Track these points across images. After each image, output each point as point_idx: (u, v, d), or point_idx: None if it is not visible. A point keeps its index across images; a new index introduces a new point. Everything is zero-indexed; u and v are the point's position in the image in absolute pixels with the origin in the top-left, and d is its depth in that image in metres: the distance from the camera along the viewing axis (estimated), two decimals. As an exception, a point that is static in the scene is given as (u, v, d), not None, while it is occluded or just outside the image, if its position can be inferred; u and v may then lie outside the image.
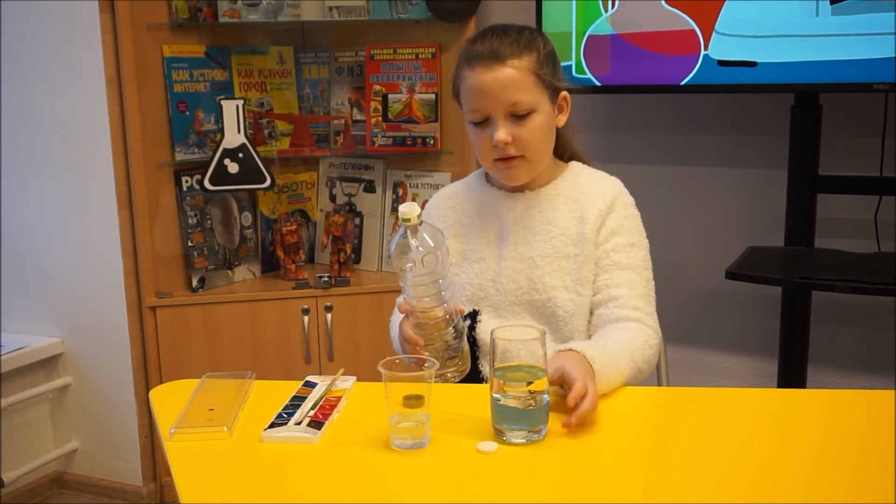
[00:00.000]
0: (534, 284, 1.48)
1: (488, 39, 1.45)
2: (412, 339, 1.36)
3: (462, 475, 1.08)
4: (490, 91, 1.43)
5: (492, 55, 1.43)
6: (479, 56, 1.44)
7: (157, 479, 2.72)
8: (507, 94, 1.42)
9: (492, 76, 1.42)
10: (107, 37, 2.47)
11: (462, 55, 1.48)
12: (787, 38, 2.07)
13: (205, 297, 2.57)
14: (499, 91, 1.42)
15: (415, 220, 1.32)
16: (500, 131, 1.43)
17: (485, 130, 1.46)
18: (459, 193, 1.62)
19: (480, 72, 1.43)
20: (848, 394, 1.34)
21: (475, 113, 1.46)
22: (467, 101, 1.47)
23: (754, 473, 1.06)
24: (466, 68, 1.45)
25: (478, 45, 1.45)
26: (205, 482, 1.08)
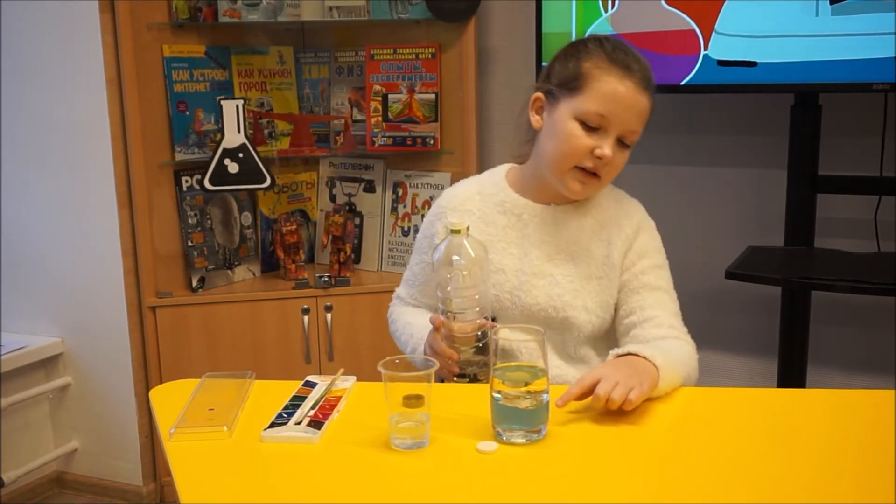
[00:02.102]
0: (553, 302, 1.47)
1: (636, 62, 1.42)
2: (446, 352, 1.36)
3: (462, 475, 1.08)
4: (628, 109, 1.40)
5: (642, 79, 1.41)
6: (631, 71, 1.40)
7: (157, 478, 2.72)
8: (635, 120, 1.41)
9: (635, 97, 1.40)
10: (107, 37, 2.47)
11: (598, 51, 1.42)
12: (787, 38, 2.07)
13: (205, 297, 2.57)
14: (633, 114, 1.41)
15: (464, 231, 1.33)
16: (608, 147, 1.40)
17: (589, 135, 1.41)
18: (477, 195, 1.56)
19: (629, 86, 1.40)
20: (848, 394, 1.34)
21: (599, 117, 1.40)
22: (597, 102, 1.40)
23: (754, 473, 1.06)
24: (608, 71, 1.40)
25: (627, 58, 1.41)
26: (205, 482, 1.08)
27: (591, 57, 1.42)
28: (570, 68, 1.44)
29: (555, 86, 1.46)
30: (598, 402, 1.23)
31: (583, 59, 1.43)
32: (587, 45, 1.45)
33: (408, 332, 1.56)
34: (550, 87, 1.46)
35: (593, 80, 1.41)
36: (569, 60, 1.45)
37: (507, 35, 2.72)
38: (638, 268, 1.49)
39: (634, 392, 1.23)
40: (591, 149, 1.41)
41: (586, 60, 1.42)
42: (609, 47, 1.43)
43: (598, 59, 1.42)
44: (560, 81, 1.45)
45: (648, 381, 1.27)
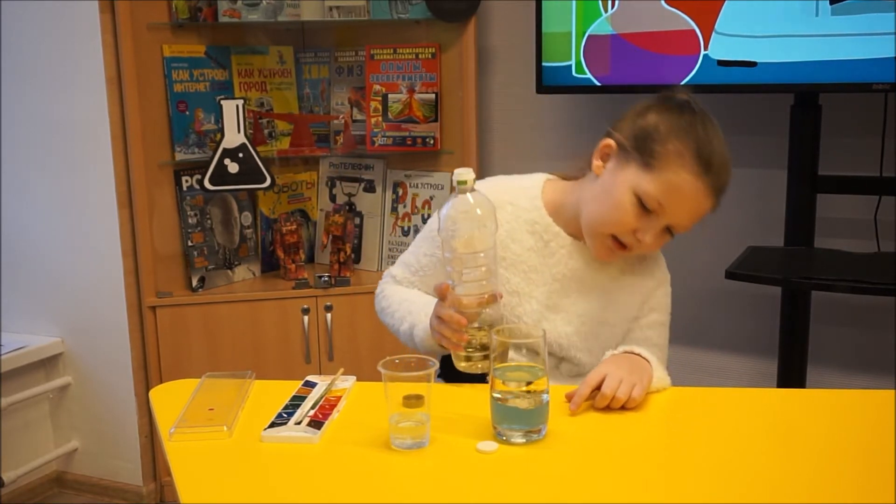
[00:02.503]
0: (560, 340, 1.44)
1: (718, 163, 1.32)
2: (454, 318, 1.27)
3: (462, 475, 1.08)
4: (689, 209, 1.33)
5: (716, 183, 1.32)
6: (709, 174, 1.31)
7: (157, 478, 2.72)
8: (690, 219, 1.35)
9: (701, 200, 1.33)
10: (107, 37, 2.47)
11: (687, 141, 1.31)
12: (787, 38, 2.07)
13: (205, 296, 2.57)
14: (691, 213, 1.35)
15: (471, 183, 1.26)
16: (651, 235, 1.35)
17: (639, 215, 1.33)
18: (509, 205, 1.46)
19: (700, 188, 1.31)
20: (848, 394, 1.34)
21: (657, 204, 1.32)
22: (663, 189, 1.31)
23: (754, 473, 1.06)
24: (690, 166, 1.30)
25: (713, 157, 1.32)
26: (205, 482, 1.08)
27: (680, 140, 1.32)
28: (654, 140, 1.33)
29: (631, 147, 1.36)
30: (603, 400, 1.25)
31: (671, 137, 1.32)
32: (681, 120, 1.34)
33: (405, 308, 1.47)
34: (626, 144, 1.36)
35: (669, 166, 1.31)
36: (657, 129, 1.34)
37: (507, 35, 2.72)
38: (645, 321, 1.48)
39: (637, 389, 1.26)
40: (634, 228, 1.35)
41: (673, 141, 1.32)
42: (701, 134, 1.32)
43: (685, 146, 1.31)
44: (638, 146, 1.35)
45: (646, 377, 1.30)
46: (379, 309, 1.56)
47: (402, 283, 1.56)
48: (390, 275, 1.58)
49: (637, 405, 1.26)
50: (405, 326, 1.45)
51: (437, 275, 1.48)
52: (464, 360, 1.32)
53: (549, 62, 2.35)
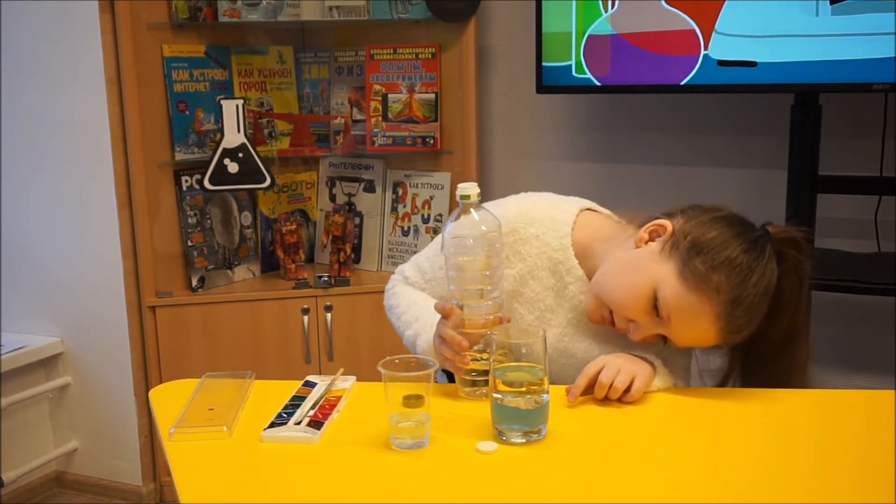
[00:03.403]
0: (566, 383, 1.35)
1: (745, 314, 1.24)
2: (456, 339, 1.24)
3: (462, 475, 1.08)
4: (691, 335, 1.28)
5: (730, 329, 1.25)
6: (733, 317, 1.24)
7: (156, 478, 2.72)
8: (688, 342, 1.30)
9: (706, 336, 1.27)
10: (107, 37, 2.47)
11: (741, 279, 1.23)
12: (787, 38, 2.07)
13: (204, 296, 2.57)
14: (691, 339, 1.29)
15: (475, 198, 1.23)
16: (641, 335, 1.30)
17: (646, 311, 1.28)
18: (535, 238, 1.39)
19: (714, 327, 1.25)
20: (848, 394, 1.34)
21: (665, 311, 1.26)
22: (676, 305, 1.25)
23: (754, 473, 1.06)
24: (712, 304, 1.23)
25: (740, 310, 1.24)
26: (205, 482, 1.08)
27: (727, 275, 1.23)
28: (705, 257, 1.24)
29: (682, 246, 1.26)
30: (601, 390, 1.24)
31: (722, 268, 1.23)
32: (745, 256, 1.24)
33: (413, 312, 1.43)
34: (679, 240, 1.27)
35: (701, 291, 1.23)
36: (716, 250, 1.25)
37: (507, 35, 2.72)
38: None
39: (637, 381, 1.24)
40: (630, 319, 1.30)
41: (721, 273, 1.23)
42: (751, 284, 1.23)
43: (728, 284, 1.23)
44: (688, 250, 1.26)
45: (647, 373, 1.28)
46: (387, 306, 1.53)
47: (414, 285, 1.52)
48: (402, 274, 1.54)
49: (637, 399, 1.25)
50: (410, 332, 1.42)
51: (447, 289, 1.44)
52: (468, 384, 1.29)
53: (549, 62, 2.35)
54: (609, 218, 1.45)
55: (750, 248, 1.26)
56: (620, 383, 1.24)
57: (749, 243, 1.27)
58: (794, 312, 1.30)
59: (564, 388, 1.28)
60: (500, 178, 2.75)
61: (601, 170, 2.64)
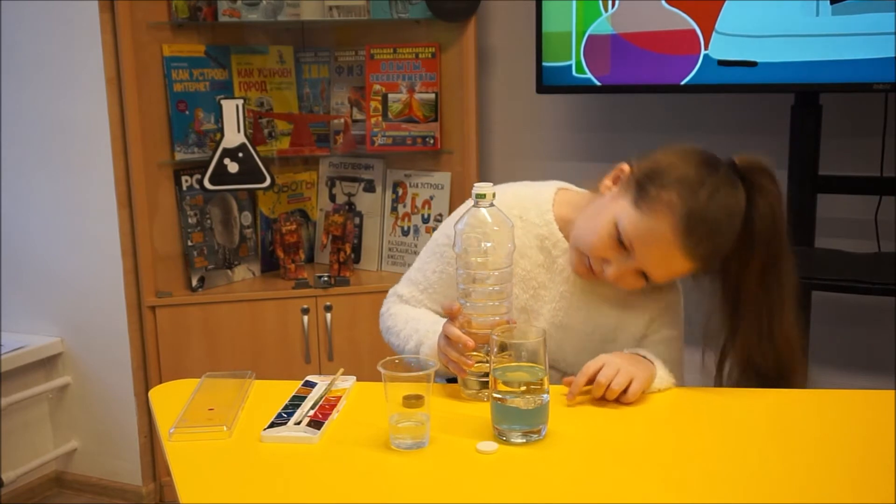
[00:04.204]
0: (553, 355, 1.40)
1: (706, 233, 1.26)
2: (462, 339, 1.24)
3: (462, 475, 1.08)
4: (656, 258, 1.29)
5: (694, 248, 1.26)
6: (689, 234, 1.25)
7: (156, 478, 2.72)
8: (660, 270, 1.31)
9: (675, 258, 1.28)
10: (107, 36, 2.47)
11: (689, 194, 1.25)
12: (787, 38, 2.07)
13: (204, 296, 2.57)
14: (659, 263, 1.30)
15: (490, 198, 1.23)
16: (613, 272, 1.32)
17: (614, 248, 1.30)
18: (519, 220, 1.41)
19: (672, 244, 1.26)
20: (848, 394, 1.34)
21: (628, 241, 1.29)
22: (636, 230, 1.28)
23: (754, 473, 1.06)
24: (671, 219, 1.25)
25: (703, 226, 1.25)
26: (204, 482, 1.08)
27: (678, 193, 1.26)
28: (656, 181, 1.28)
29: (636, 179, 1.32)
30: (599, 389, 1.24)
31: (672, 186, 1.27)
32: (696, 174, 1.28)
33: (411, 326, 1.43)
34: (635, 174, 1.33)
35: (655, 213, 1.27)
36: (666, 173, 1.29)
37: (507, 35, 2.72)
38: (655, 337, 1.44)
39: (635, 384, 1.25)
40: (603, 257, 1.32)
41: (671, 191, 1.26)
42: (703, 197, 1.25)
43: (680, 201, 1.25)
44: (640, 181, 1.31)
45: (647, 374, 1.29)
46: (384, 328, 1.52)
47: (410, 301, 1.52)
48: (395, 294, 1.54)
49: (634, 400, 1.25)
50: (411, 345, 1.41)
51: (446, 292, 1.46)
52: (473, 386, 1.28)
53: (549, 62, 2.35)
54: (586, 192, 1.48)
55: (702, 165, 1.30)
56: (618, 385, 1.24)
57: (701, 162, 1.30)
58: (772, 239, 1.34)
59: (563, 380, 1.29)
60: (500, 178, 2.73)
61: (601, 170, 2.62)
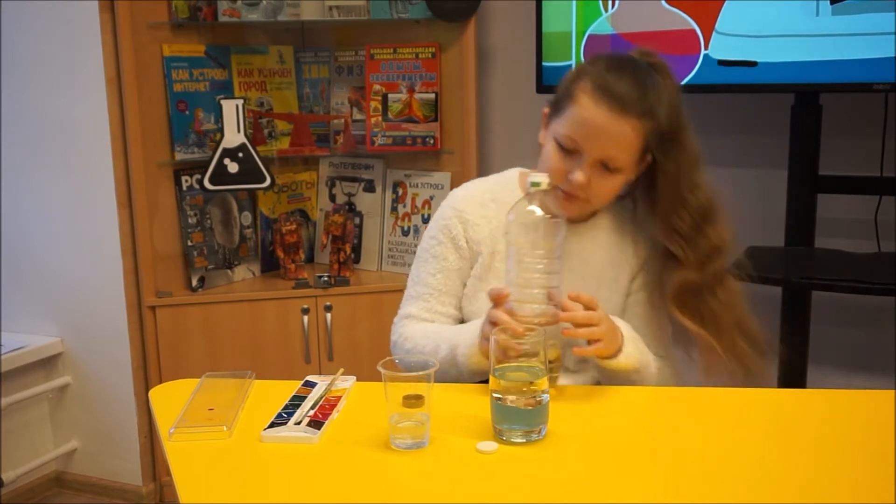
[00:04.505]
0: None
1: (626, 79, 1.33)
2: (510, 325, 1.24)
3: (462, 475, 1.08)
4: (597, 135, 1.33)
5: (621, 102, 1.32)
6: (610, 94, 1.32)
7: (156, 478, 2.72)
8: (610, 147, 1.34)
9: (608, 122, 1.32)
10: (107, 36, 2.47)
11: (589, 76, 1.35)
12: (788, 38, 2.07)
13: (204, 296, 2.57)
14: (605, 140, 1.34)
15: (545, 186, 1.25)
16: (580, 174, 1.35)
17: (567, 158, 1.37)
18: (491, 202, 1.49)
19: (601, 111, 1.32)
20: (848, 394, 1.34)
21: (570, 141, 1.36)
22: (570, 125, 1.36)
23: (754, 473, 1.06)
24: (588, 96, 1.34)
25: (614, 81, 1.33)
26: (204, 482, 1.08)
27: (584, 77, 1.36)
28: (564, 87, 1.40)
29: (553, 102, 1.43)
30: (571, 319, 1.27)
31: (577, 78, 1.37)
32: (590, 63, 1.39)
33: (434, 339, 1.43)
34: (550, 103, 1.44)
35: (574, 102, 1.35)
36: (567, 78, 1.40)
37: (507, 35, 2.72)
38: (639, 296, 1.47)
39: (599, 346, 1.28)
40: (565, 172, 1.37)
41: (579, 80, 1.36)
42: (603, 67, 1.35)
43: (587, 80, 1.35)
44: (554, 100, 1.42)
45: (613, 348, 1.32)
46: (404, 353, 1.49)
47: (421, 317, 1.52)
48: (404, 317, 1.54)
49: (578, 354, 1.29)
50: (444, 353, 1.40)
51: (453, 289, 1.50)
52: None
53: (549, 62, 2.35)
54: None
55: (594, 59, 1.40)
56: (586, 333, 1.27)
57: (594, 59, 1.40)
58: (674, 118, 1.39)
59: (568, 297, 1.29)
60: (500, 177, 2.75)
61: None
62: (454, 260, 1.50)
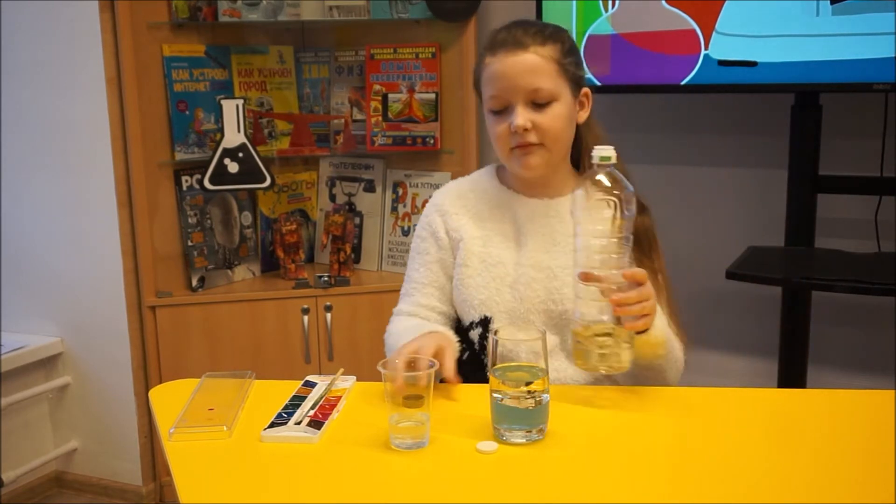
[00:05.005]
0: (551, 295, 1.44)
1: (512, 29, 1.44)
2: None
3: (462, 475, 1.08)
4: (512, 76, 1.41)
5: (515, 42, 1.42)
6: (502, 43, 1.43)
7: (156, 478, 2.72)
8: (528, 79, 1.40)
9: (513, 61, 1.41)
10: (107, 36, 2.47)
11: (485, 45, 1.47)
12: (788, 38, 2.07)
13: (205, 296, 2.57)
14: (520, 76, 1.41)
15: (614, 160, 1.24)
16: (519, 117, 1.41)
17: (504, 118, 1.44)
18: (469, 192, 1.56)
19: (503, 57, 1.41)
20: (848, 394, 1.34)
21: (495, 100, 1.43)
22: (488, 87, 1.44)
23: (754, 473, 1.06)
24: (488, 55, 1.44)
25: (501, 33, 1.44)
26: (204, 482, 1.08)
27: (481, 54, 1.47)
28: (475, 74, 1.50)
29: (477, 96, 1.52)
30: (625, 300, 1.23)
31: (478, 60, 1.48)
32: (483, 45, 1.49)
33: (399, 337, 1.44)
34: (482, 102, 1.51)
35: (482, 71, 1.46)
36: (474, 69, 1.51)
37: (507, 35, 2.71)
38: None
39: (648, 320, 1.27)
40: (507, 129, 1.43)
41: (479, 60, 1.48)
42: (495, 34, 1.45)
43: (484, 51, 1.46)
44: (477, 92, 1.51)
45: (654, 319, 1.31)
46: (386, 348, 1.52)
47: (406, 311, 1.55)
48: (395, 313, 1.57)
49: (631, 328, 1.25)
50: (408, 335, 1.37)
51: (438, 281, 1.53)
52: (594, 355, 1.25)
53: (549, 62, 2.34)
54: None
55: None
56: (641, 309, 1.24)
57: None
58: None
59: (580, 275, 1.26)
60: (500, 177, 2.74)
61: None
62: (434, 252, 1.54)
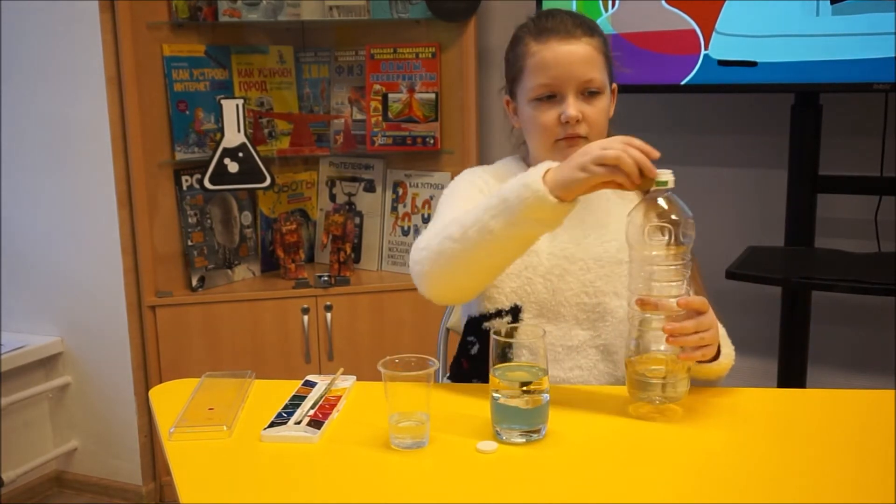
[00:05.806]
0: (584, 288, 1.41)
1: (559, 17, 1.42)
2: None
3: (462, 475, 1.08)
4: (567, 64, 1.38)
5: (566, 31, 1.39)
6: (553, 30, 1.40)
7: (156, 478, 2.72)
8: (583, 69, 1.39)
9: (568, 50, 1.38)
10: (107, 36, 2.47)
11: (524, 33, 1.43)
12: (788, 38, 2.07)
13: (205, 296, 2.57)
14: (575, 65, 1.38)
15: (671, 184, 1.20)
16: (572, 107, 1.38)
17: (550, 108, 1.40)
18: (494, 182, 1.47)
19: (555, 45, 1.39)
20: (848, 394, 1.34)
21: (544, 87, 1.39)
22: (535, 76, 1.40)
23: (754, 473, 1.06)
24: (534, 43, 1.41)
25: (548, 21, 1.42)
26: (204, 482, 1.08)
27: (522, 38, 1.44)
28: (510, 59, 1.47)
29: (508, 83, 1.49)
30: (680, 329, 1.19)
31: (515, 46, 1.45)
32: (518, 29, 1.47)
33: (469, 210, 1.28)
34: (507, 86, 1.49)
35: (526, 58, 1.42)
36: (508, 54, 1.48)
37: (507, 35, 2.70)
38: None
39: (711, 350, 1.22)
40: (556, 119, 1.39)
41: (518, 46, 1.45)
42: (531, 22, 1.44)
43: (526, 36, 1.43)
44: (509, 77, 1.48)
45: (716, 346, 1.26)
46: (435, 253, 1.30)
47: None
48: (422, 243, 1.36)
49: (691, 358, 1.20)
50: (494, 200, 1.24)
51: None
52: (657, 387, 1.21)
53: (550, 62, 2.34)
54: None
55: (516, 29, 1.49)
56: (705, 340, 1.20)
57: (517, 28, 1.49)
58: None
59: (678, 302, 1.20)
60: (500, 177, 2.75)
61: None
62: (477, 194, 1.43)
